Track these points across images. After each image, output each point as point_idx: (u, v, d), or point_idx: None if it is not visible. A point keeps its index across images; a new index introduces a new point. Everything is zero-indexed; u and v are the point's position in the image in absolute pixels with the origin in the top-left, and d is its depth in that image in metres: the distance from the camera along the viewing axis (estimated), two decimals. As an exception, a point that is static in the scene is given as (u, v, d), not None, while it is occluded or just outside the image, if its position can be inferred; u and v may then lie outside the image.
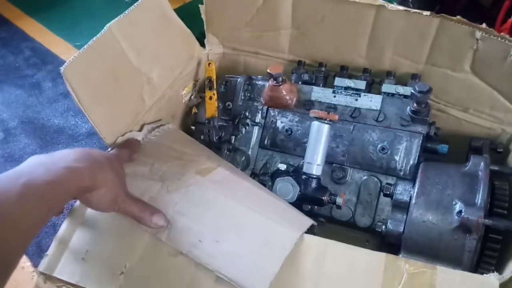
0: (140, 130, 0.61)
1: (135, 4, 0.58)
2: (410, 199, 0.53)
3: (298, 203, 0.55)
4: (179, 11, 0.68)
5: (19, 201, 0.31)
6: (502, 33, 0.53)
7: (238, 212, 0.48)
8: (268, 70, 0.60)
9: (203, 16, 0.72)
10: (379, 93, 0.61)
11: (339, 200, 0.54)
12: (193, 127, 0.72)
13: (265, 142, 0.64)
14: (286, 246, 0.44)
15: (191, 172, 0.52)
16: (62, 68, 0.49)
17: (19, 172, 0.34)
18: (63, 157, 0.39)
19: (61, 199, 0.36)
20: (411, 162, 0.57)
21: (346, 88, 0.62)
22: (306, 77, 0.65)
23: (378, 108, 0.59)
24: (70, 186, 0.37)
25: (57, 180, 0.35)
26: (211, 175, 0.52)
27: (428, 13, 0.56)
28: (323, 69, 0.66)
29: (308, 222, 0.49)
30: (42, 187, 0.33)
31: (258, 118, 0.65)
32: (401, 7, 0.58)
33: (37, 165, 0.36)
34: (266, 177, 0.61)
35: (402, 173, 0.57)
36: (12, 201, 0.31)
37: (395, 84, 0.60)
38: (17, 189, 0.32)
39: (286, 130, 0.63)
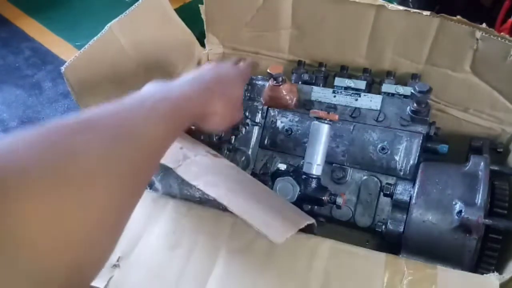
0: None
1: (136, 4, 0.58)
2: (410, 199, 0.53)
3: (298, 203, 0.55)
4: (179, 11, 0.68)
5: (147, 123, 0.32)
6: (502, 33, 0.53)
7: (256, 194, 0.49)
8: (268, 70, 0.60)
9: (203, 16, 0.72)
10: (379, 93, 0.61)
11: (339, 200, 0.54)
12: (193, 127, 0.72)
13: (265, 142, 0.64)
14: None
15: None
16: (62, 68, 0.49)
17: (142, 97, 0.35)
18: (181, 84, 0.40)
19: (179, 124, 0.37)
20: (411, 162, 0.57)
21: (346, 88, 0.62)
22: (306, 77, 0.65)
23: (378, 108, 0.59)
24: (184, 114, 0.38)
25: (175, 107, 0.36)
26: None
27: (428, 13, 0.56)
28: (323, 69, 0.66)
29: (305, 220, 0.49)
30: (165, 111, 0.34)
31: (258, 118, 0.65)
32: (401, 7, 0.58)
33: (157, 91, 0.37)
34: (266, 177, 0.61)
35: (402, 173, 0.57)
36: (140, 124, 0.31)
37: (395, 84, 0.60)
38: (144, 112, 0.32)
39: (286, 130, 0.63)
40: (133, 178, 0.29)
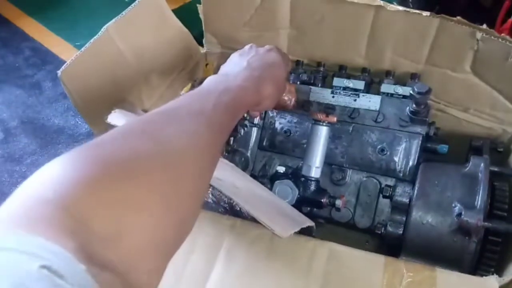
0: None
1: (133, 5, 0.58)
2: (410, 200, 0.52)
3: (297, 206, 0.55)
4: (178, 11, 0.68)
5: (216, 112, 0.36)
6: (502, 34, 0.53)
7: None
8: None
9: (201, 16, 0.72)
10: (378, 93, 0.60)
11: (338, 203, 0.54)
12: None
13: (264, 143, 0.64)
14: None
15: None
16: (59, 72, 0.49)
17: (208, 91, 0.40)
18: (236, 77, 0.44)
19: (239, 112, 0.42)
20: (411, 163, 0.56)
21: (345, 88, 0.61)
22: (304, 77, 0.64)
23: (377, 109, 0.59)
24: (243, 103, 0.42)
25: (236, 98, 0.40)
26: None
27: (428, 13, 0.56)
28: (321, 69, 0.66)
29: (306, 221, 0.49)
30: (228, 102, 0.39)
31: (257, 119, 0.64)
32: (400, 8, 0.58)
33: (218, 85, 0.41)
34: (265, 180, 0.61)
35: (401, 174, 0.57)
36: (212, 113, 0.36)
37: (394, 84, 0.60)
38: (213, 103, 0.37)
39: (285, 131, 0.62)
40: (211, 160, 0.34)
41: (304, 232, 0.47)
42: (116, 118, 0.51)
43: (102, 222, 0.23)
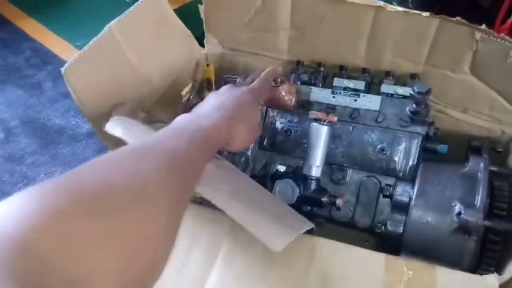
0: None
1: (135, 5, 0.58)
2: (410, 200, 0.53)
3: (297, 205, 0.55)
4: (179, 12, 0.68)
5: (189, 151, 0.37)
6: (501, 34, 0.53)
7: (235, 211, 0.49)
8: (267, 71, 0.60)
9: (202, 17, 0.72)
10: (378, 93, 0.61)
11: (338, 202, 0.54)
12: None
13: (264, 143, 0.64)
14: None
15: None
16: (63, 69, 0.49)
17: (180, 130, 0.40)
18: (208, 115, 0.44)
19: (211, 151, 0.43)
20: (410, 163, 0.57)
21: (345, 89, 0.62)
22: (305, 77, 0.65)
23: (377, 109, 0.59)
24: (215, 141, 0.43)
25: (208, 136, 0.41)
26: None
27: (427, 14, 0.56)
28: (322, 69, 0.66)
29: (304, 226, 0.49)
30: (200, 141, 0.39)
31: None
32: (400, 8, 0.58)
33: (190, 123, 0.42)
34: (265, 179, 0.61)
35: (401, 174, 0.57)
36: (185, 152, 0.36)
37: (394, 85, 0.60)
38: (186, 142, 0.37)
39: (286, 131, 0.63)
40: (184, 197, 0.34)
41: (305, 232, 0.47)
42: (114, 127, 0.51)
43: (68, 263, 0.20)
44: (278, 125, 0.63)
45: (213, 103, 0.48)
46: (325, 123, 0.55)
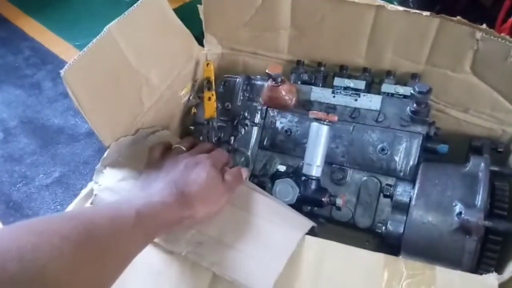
0: (135, 134, 0.61)
1: (135, 5, 0.58)
2: (410, 200, 0.52)
3: (297, 205, 0.55)
4: (179, 11, 0.68)
5: (135, 225, 0.38)
6: (502, 34, 0.53)
7: (240, 217, 0.48)
8: (267, 71, 0.59)
9: (201, 17, 0.72)
10: (379, 93, 0.60)
11: (338, 202, 0.54)
12: (192, 127, 0.72)
13: (265, 142, 0.64)
14: (288, 247, 0.44)
15: None
16: (62, 72, 0.49)
17: (129, 202, 0.41)
18: (159, 192, 0.44)
19: (157, 230, 0.43)
20: (411, 163, 0.56)
21: (346, 88, 0.61)
22: (305, 77, 0.65)
23: (378, 109, 0.59)
24: (165, 219, 0.42)
25: (155, 213, 0.41)
26: None
27: (428, 13, 0.56)
28: (322, 68, 0.66)
29: (309, 224, 0.49)
30: (145, 217, 0.40)
31: (257, 118, 0.65)
32: (400, 8, 0.58)
33: (140, 197, 0.43)
34: (265, 179, 0.61)
35: (402, 173, 0.57)
36: (129, 227, 0.37)
37: (394, 84, 0.60)
38: (132, 217, 0.38)
39: (286, 131, 0.63)
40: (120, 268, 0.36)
41: (306, 232, 0.47)
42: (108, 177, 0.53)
43: None
44: (278, 125, 0.63)
45: (167, 179, 0.47)
46: (325, 123, 0.54)
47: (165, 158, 0.52)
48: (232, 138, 0.65)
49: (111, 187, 0.53)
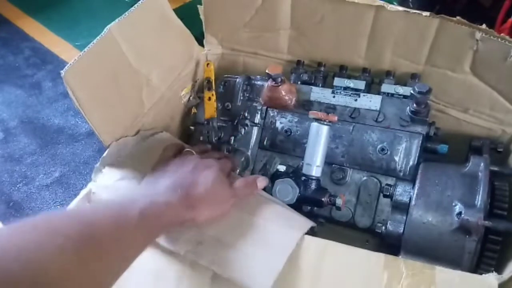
0: (135, 135, 0.61)
1: (135, 6, 0.58)
2: (410, 200, 0.52)
3: (297, 205, 0.55)
4: (179, 11, 0.68)
5: (137, 225, 0.38)
6: (502, 34, 0.53)
7: (239, 217, 0.49)
8: (267, 71, 0.59)
9: (202, 17, 0.72)
10: (379, 93, 0.61)
11: (338, 202, 0.54)
12: (192, 128, 0.72)
13: (265, 142, 0.64)
14: (287, 246, 0.44)
15: None
16: (62, 72, 0.49)
17: (133, 200, 0.41)
18: (164, 192, 0.44)
19: (159, 230, 0.43)
20: (411, 163, 0.57)
21: (346, 88, 0.62)
22: (305, 77, 0.65)
23: (378, 109, 0.59)
24: (167, 220, 0.43)
25: (158, 213, 0.41)
26: None
27: (427, 13, 0.56)
28: (322, 69, 0.66)
29: (308, 223, 0.49)
30: (148, 218, 0.40)
31: (257, 118, 0.65)
32: (400, 8, 0.58)
33: (145, 196, 0.43)
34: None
35: (401, 173, 0.57)
36: (132, 226, 0.37)
37: (394, 84, 0.60)
38: (135, 217, 0.38)
39: (286, 131, 0.63)
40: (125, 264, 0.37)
41: (306, 231, 0.47)
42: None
43: None
44: (278, 125, 0.63)
45: (174, 178, 0.46)
46: (325, 123, 0.54)
47: (175, 158, 0.52)
48: (232, 138, 0.65)
49: (109, 186, 0.53)
